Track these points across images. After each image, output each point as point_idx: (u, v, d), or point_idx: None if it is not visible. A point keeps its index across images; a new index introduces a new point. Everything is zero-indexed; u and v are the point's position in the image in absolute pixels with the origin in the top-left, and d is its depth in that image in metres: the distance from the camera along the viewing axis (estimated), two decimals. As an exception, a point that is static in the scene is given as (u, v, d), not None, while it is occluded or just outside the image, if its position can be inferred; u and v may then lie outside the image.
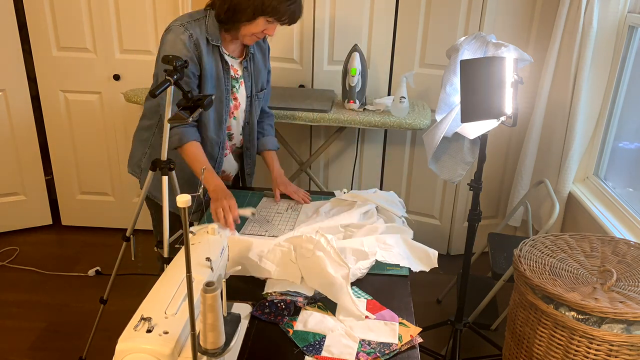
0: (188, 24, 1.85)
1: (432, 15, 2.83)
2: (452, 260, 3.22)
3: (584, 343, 1.63)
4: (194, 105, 1.59)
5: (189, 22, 1.85)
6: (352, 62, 2.60)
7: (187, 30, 1.83)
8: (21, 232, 3.35)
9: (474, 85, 1.78)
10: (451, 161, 2.11)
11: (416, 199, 3.22)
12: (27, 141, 3.21)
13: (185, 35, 1.82)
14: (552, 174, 2.71)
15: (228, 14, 1.84)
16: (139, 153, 2.08)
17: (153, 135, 2.03)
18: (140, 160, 2.07)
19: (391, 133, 3.10)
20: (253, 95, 2.08)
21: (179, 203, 0.90)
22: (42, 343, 2.46)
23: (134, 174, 2.12)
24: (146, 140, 2.05)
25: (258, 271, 1.59)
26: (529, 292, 1.78)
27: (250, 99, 2.07)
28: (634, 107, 2.45)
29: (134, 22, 2.96)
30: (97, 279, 2.94)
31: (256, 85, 2.08)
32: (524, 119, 2.81)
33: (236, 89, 2.01)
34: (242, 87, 2.03)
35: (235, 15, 1.84)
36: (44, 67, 3.07)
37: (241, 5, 1.81)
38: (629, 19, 2.40)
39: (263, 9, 1.81)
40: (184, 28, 1.83)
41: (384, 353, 1.32)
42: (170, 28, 1.86)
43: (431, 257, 1.71)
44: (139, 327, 1.06)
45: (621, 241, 1.96)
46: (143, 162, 2.06)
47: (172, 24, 1.87)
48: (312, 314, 1.45)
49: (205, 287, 1.01)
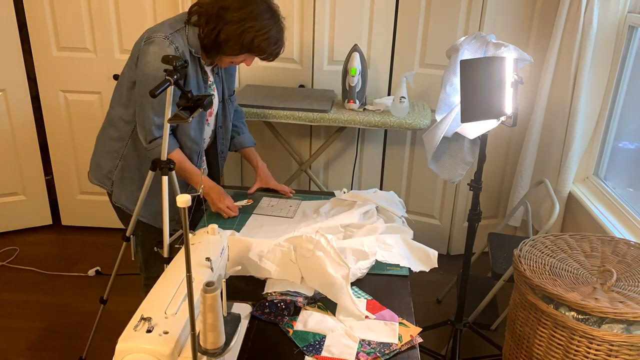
0: (172, 36, 1.78)
1: (432, 15, 2.83)
2: (452, 260, 3.22)
3: (584, 343, 1.64)
4: (194, 105, 1.59)
5: (172, 34, 1.79)
6: (352, 62, 2.60)
7: (172, 44, 1.77)
8: (21, 232, 3.35)
9: (474, 85, 1.78)
10: (451, 161, 2.11)
11: (416, 199, 3.21)
12: (27, 141, 3.21)
13: (171, 49, 1.76)
14: (552, 174, 2.71)
15: (214, 44, 1.81)
16: (108, 165, 1.98)
17: (125, 147, 1.94)
18: (110, 172, 1.98)
19: (391, 133, 3.10)
20: (225, 99, 2.07)
21: (179, 203, 0.90)
22: (42, 343, 2.46)
23: (102, 185, 2.01)
24: (116, 152, 1.96)
25: (258, 271, 1.59)
26: (529, 292, 1.78)
27: (223, 103, 2.07)
28: (634, 107, 2.45)
29: (134, 22, 2.96)
30: (97, 279, 2.94)
31: (228, 88, 2.08)
32: (524, 119, 2.81)
33: (214, 95, 2.00)
34: (214, 93, 2.01)
35: (220, 48, 1.82)
36: (44, 67, 3.07)
37: (229, 42, 1.79)
38: (629, 19, 2.40)
39: (250, 48, 1.80)
40: (169, 41, 1.76)
41: (384, 353, 1.32)
42: (153, 40, 1.77)
43: (431, 257, 1.71)
44: (139, 327, 1.06)
45: (621, 241, 1.96)
46: (114, 174, 1.97)
47: (154, 35, 1.78)
48: (312, 314, 1.45)
49: (205, 287, 1.01)
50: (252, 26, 1.77)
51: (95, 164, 2.02)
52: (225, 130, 2.13)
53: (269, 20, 1.80)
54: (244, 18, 1.76)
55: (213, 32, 1.78)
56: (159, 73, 1.73)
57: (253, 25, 1.77)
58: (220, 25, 1.77)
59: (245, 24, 1.76)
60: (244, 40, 1.78)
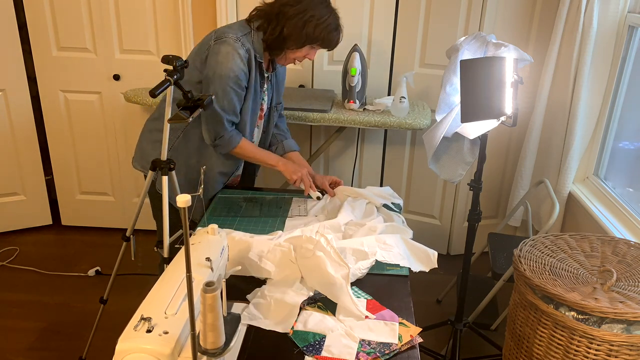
0: (243, 37, 1.88)
1: (432, 15, 2.83)
2: (452, 260, 3.22)
3: (584, 343, 1.64)
4: (194, 105, 1.59)
5: (243, 36, 1.88)
6: (352, 62, 2.60)
7: (243, 46, 1.86)
8: (21, 232, 3.35)
9: (474, 85, 1.78)
10: (451, 161, 2.11)
11: (416, 199, 3.22)
12: (27, 141, 3.21)
13: (243, 50, 1.86)
14: (552, 174, 2.71)
15: (278, 40, 1.90)
16: (154, 153, 2.04)
17: (177, 139, 2.02)
18: None
19: (391, 133, 3.10)
20: (272, 107, 2.16)
21: (179, 203, 0.90)
22: (42, 343, 2.46)
23: (142, 170, 2.10)
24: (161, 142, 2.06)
25: (258, 271, 1.59)
26: (529, 292, 1.78)
27: (270, 110, 2.15)
28: (634, 107, 2.45)
29: (134, 22, 2.96)
30: (97, 279, 2.94)
31: (277, 96, 2.17)
32: (524, 119, 2.81)
33: (264, 100, 2.08)
34: (266, 98, 2.10)
35: (284, 43, 1.90)
36: (44, 67, 3.07)
37: (293, 35, 1.87)
38: (629, 19, 2.40)
39: (314, 38, 1.89)
40: (240, 43, 1.85)
41: (384, 353, 1.32)
42: (225, 39, 1.85)
43: (431, 257, 1.71)
44: (139, 327, 1.06)
45: (621, 241, 1.96)
46: None
47: (225, 36, 1.86)
48: (312, 314, 1.45)
49: (205, 287, 1.01)
50: (313, 15, 1.86)
51: (141, 151, 2.10)
52: (266, 135, 2.21)
53: (326, 9, 1.90)
54: (304, 9, 1.86)
55: (277, 29, 1.88)
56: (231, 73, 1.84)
57: (313, 15, 1.86)
58: (283, 22, 1.87)
59: (306, 15, 1.86)
60: (306, 31, 1.87)
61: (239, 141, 1.98)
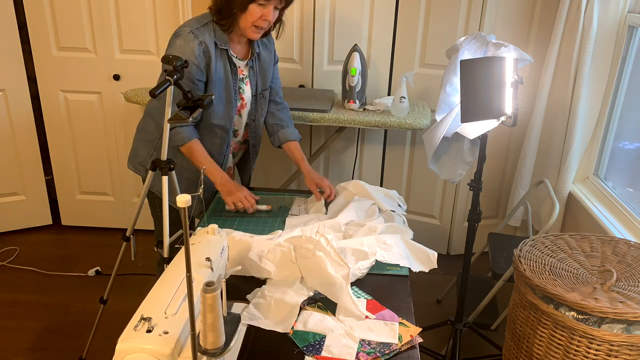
0: (197, 30, 1.85)
1: (432, 15, 2.83)
2: (452, 260, 3.22)
3: (584, 343, 1.64)
4: (194, 105, 1.59)
5: (197, 29, 1.86)
6: (352, 62, 2.60)
7: (196, 38, 1.84)
8: (21, 232, 3.35)
9: (474, 85, 1.78)
10: (451, 161, 2.11)
11: (416, 199, 3.22)
12: (27, 141, 3.21)
13: (195, 43, 1.83)
14: (552, 174, 2.71)
15: (222, 10, 1.86)
16: (143, 153, 2.08)
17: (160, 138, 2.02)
18: (145, 160, 2.08)
19: (391, 133, 3.10)
20: (258, 94, 2.11)
21: (179, 203, 0.90)
22: (42, 343, 2.46)
23: (136, 171, 2.12)
24: (150, 141, 2.06)
25: (258, 271, 1.59)
26: (529, 292, 1.78)
27: (256, 97, 2.10)
28: (634, 107, 2.45)
29: (134, 22, 2.96)
30: (97, 279, 2.94)
31: (263, 83, 2.11)
32: (524, 119, 2.81)
33: (242, 89, 2.04)
34: (247, 87, 2.06)
35: (228, 9, 1.85)
36: (44, 67, 3.07)
37: None
38: (629, 19, 2.40)
39: None
40: (193, 35, 1.84)
41: (384, 353, 1.32)
42: (179, 33, 1.85)
43: (431, 257, 1.71)
44: (139, 327, 1.06)
45: (621, 241, 1.96)
46: (148, 162, 2.06)
47: (181, 30, 1.86)
48: (312, 314, 1.45)
49: (205, 287, 1.01)
50: None
51: (134, 151, 2.12)
52: (256, 125, 2.16)
53: None
54: None
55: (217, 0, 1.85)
56: None
57: None
58: None
59: None
60: None
61: (186, 140, 1.92)
